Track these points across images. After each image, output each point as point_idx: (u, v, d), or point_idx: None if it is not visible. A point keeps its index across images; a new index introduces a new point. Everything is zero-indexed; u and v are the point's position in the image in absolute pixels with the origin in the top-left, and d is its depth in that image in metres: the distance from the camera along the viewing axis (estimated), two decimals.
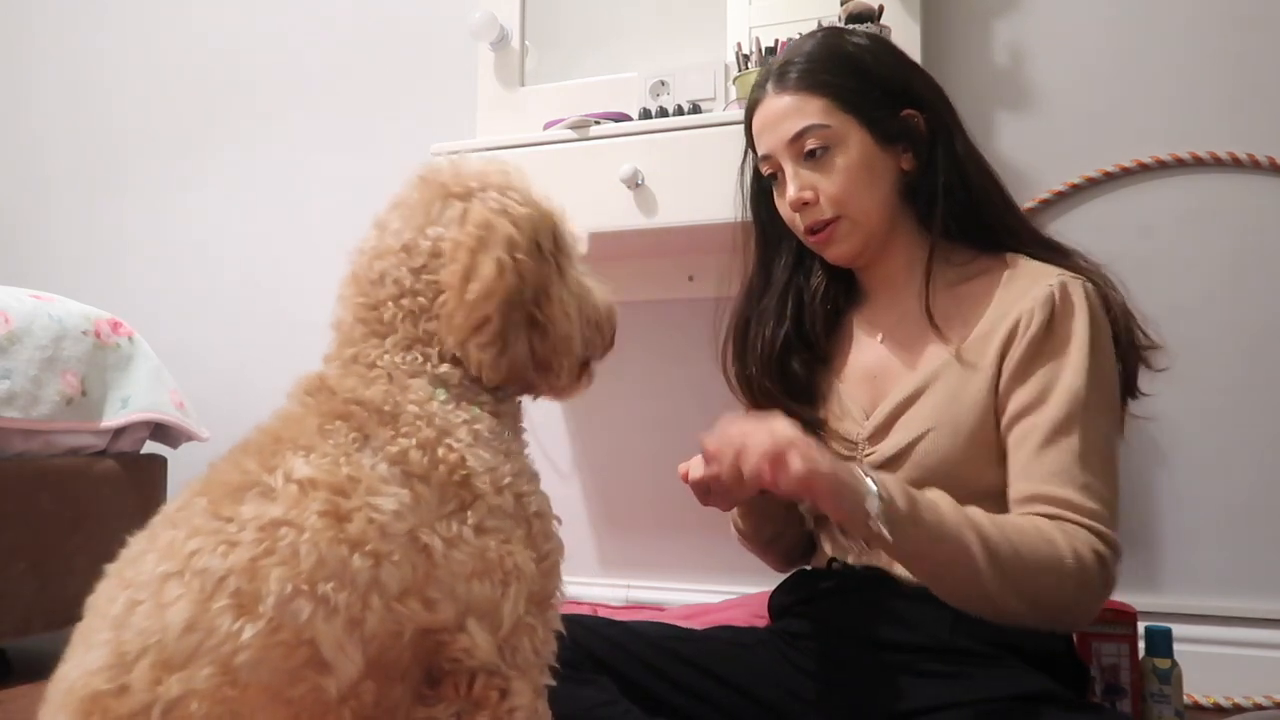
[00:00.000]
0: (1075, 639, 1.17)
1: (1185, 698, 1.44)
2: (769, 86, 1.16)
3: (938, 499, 0.94)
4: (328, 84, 2.42)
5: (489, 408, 0.80)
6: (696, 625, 1.23)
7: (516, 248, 0.78)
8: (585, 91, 1.96)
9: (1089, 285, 1.07)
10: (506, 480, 0.75)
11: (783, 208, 1.17)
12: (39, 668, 1.87)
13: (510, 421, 0.83)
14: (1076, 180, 1.75)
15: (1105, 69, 1.75)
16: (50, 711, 0.65)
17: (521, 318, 0.79)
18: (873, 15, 1.56)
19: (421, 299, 0.80)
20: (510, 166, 0.86)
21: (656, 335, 2.01)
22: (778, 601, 1.22)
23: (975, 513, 0.94)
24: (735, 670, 1.08)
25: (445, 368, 0.79)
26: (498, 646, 0.71)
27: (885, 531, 0.87)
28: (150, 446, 2.08)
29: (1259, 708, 1.57)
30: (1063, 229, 1.18)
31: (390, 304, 0.81)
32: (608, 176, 1.67)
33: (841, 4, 1.62)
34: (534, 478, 0.79)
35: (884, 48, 1.18)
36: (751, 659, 1.10)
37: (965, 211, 1.14)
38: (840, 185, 1.11)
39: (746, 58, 1.77)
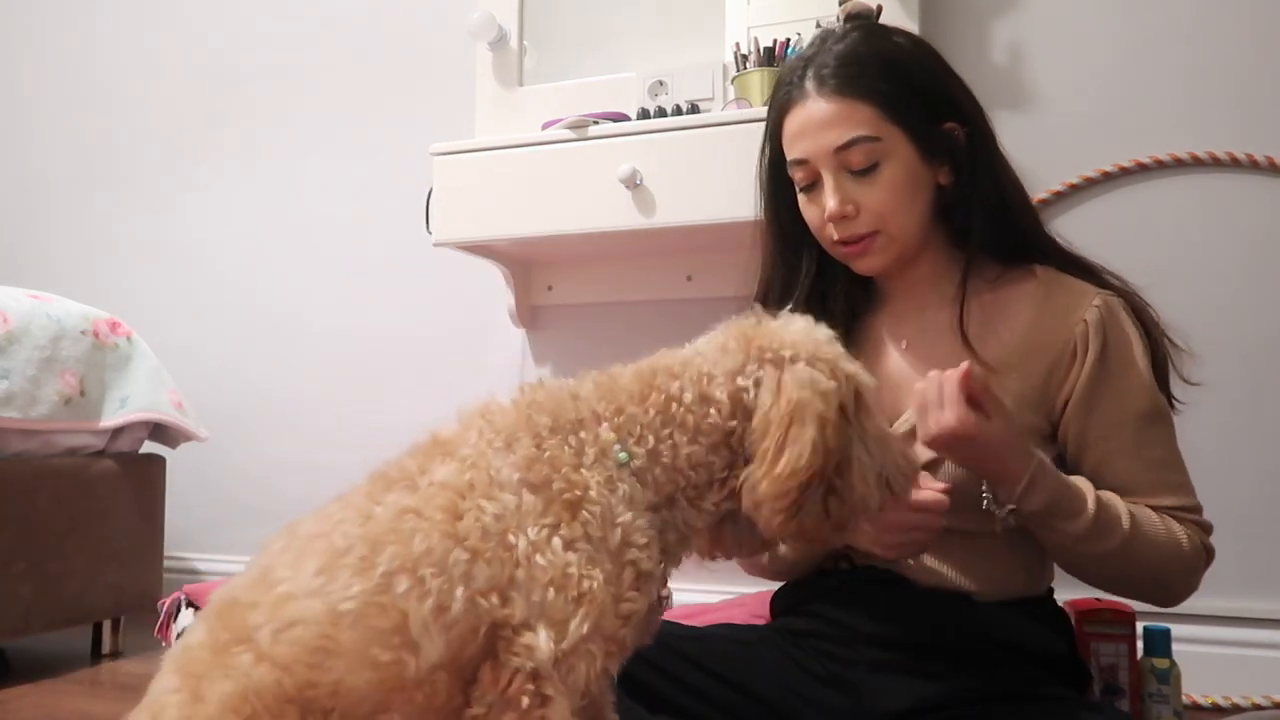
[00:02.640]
0: (1075, 639, 1.17)
1: (1184, 697, 1.44)
2: (809, 87, 1.09)
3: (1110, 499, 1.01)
4: (326, 84, 2.42)
5: (648, 502, 0.82)
6: (696, 625, 1.23)
7: (826, 425, 0.81)
8: (584, 91, 1.96)
9: (1125, 302, 1.08)
10: (619, 521, 0.78)
11: (811, 214, 1.13)
12: (38, 667, 1.88)
13: (669, 528, 0.84)
14: (1075, 180, 1.75)
15: (1105, 69, 1.75)
16: (204, 610, 0.79)
17: (820, 489, 0.82)
18: (871, 15, 1.55)
19: (690, 418, 0.84)
20: (815, 330, 0.87)
21: (655, 335, 2.00)
22: (781, 601, 1.21)
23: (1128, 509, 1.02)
24: (737, 668, 1.08)
25: (656, 472, 0.83)
26: (556, 657, 0.73)
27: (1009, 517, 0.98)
28: (149, 446, 2.08)
29: (1258, 708, 1.57)
30: (1062, 229, 1.18)
31: (664, 396, 0.84)
32: (606, 177, 1.67)
33: (840, 4, 1.62)
34: (652, 547, 0.80)
35: (926, 51, 1.14)
36: (753, 657, 1.10)
37: (1001, 228, 1.12)
38: (884, 201, 1.07)
39: (745, 58, 1.77)
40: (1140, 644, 1.27)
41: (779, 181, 1.17)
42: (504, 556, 0.74)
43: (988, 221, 1.11)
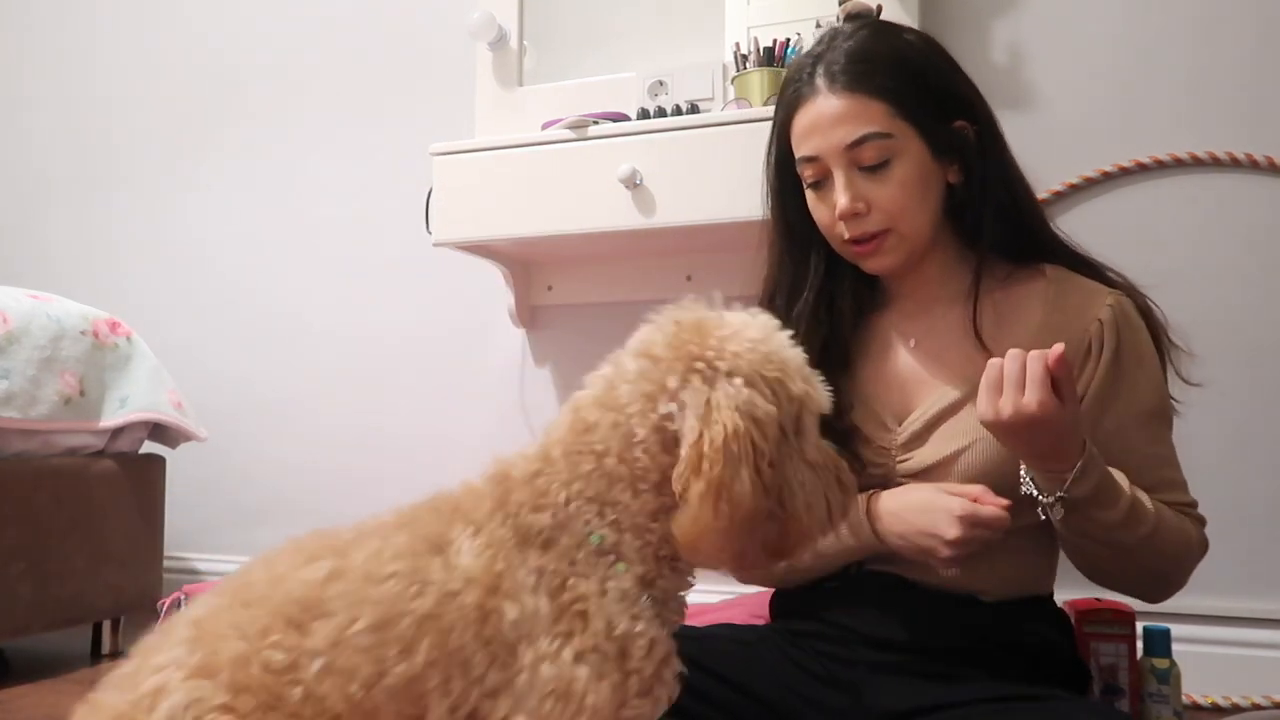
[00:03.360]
0: (1075, 639, 1.17)
1: (1184, 698, 1.44)
2: (819, 84, 1.08)
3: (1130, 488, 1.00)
4: (326, 84, 2.42)
5: (638, 577, 0.78)
6: (695, 625, 1.22)
7: (762, 459, 0.74)
8: (583, 91, 1.96)
9: (1134, 302, 1.08)
10: (617, 634, 0.76)
11: (820, 213, 1.12)
12: (38, 667, 1.88)
13: (660, 593, 0.80)
14: (1075, 180, 1.75)
15: (1105, 69, 1.75)
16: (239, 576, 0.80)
17: (760, 521, 0.76)
18: (871, 15, 1.55)
19: (624, 468, 0.78)
20: (769, 336, 0.80)
21: None
22: (782, 601, 1.21)
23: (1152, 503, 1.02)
24: (736, 668, 1.08)
25: (626, 538, 0.78)
26: None
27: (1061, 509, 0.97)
28: (149, 446, 2.08)
29: (1258, 708, 1.57)
30: (1062, 229, 1.18)
31: (592, 457, 0.78)
32: (606, 177, 1.68)
33: (840, 3, 1.62)
34: (656, 649, 0.77)
35: (936, 49, 1.14)
36: (753, 657, 1.10)
37: (1011, 227, 1.12)
38: (895, 199, 1.06)
39: (745, 58, 1.77)
40: (1140, 644, 1.27)
41: (786, 180, 1.17)
42: (510, 662, 0.74)
43: (998, 220, 1.11)
